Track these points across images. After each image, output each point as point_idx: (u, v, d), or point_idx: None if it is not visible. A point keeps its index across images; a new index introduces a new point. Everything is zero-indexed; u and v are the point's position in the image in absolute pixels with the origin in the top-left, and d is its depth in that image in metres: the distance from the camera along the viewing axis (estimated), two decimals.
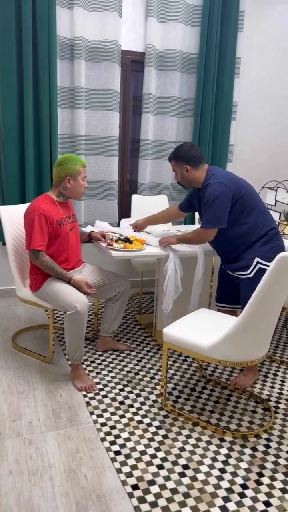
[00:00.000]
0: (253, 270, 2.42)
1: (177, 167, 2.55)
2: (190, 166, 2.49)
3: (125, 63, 3.72)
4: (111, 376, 2.60)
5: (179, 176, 2.57)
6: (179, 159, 2.51)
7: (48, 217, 2.42)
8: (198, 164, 2.50)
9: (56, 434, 2.08)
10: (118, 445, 2.02)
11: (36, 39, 3.27)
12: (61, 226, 2.49)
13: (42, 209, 2.41)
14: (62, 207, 2.56)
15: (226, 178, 2.41)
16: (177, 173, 2.57)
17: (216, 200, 2.36)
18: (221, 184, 2.37)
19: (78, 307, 2.34)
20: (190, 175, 2.51)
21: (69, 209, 2.64)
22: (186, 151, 2.50)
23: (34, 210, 2.41)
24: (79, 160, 2.52)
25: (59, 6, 3.32)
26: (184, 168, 2.50)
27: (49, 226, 2.43)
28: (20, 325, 3.22)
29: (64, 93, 3.49)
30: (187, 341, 2.14)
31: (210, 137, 3.96)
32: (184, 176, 2.53)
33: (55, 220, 2.45)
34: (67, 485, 1.78)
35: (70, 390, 2.44)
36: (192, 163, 2.49)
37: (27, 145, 3.37)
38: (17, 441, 2.02)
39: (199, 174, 2.51)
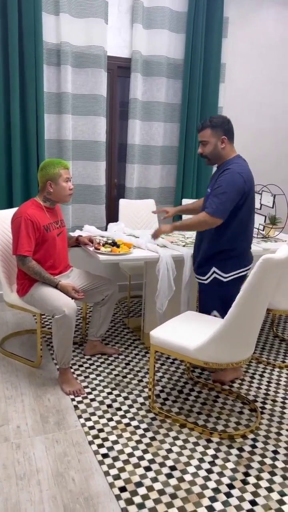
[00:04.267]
0: (209, 278, 2.46)
1: (212, 136, 2.34)
2: (228, 138, 2.35)
3: (111, 68, 3.76)
4: (99, 380, 2.60)
5: (210, 147, 2.36)
6: (217, 128, 2.34)
7: (35, 223, 2.43)
8: (232, 140, 2.39)
9: (44, 438, 2.08)
10: (106, 448, 2.03)
11: (23, 45, 3.28)
12: (48, 231, 2.50)
13: (29, 215, 2.42)
14: (49, 212, 2.57)
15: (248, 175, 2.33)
16: (207, 144, 2.37)
17: (233, 190, 2.25)
18: (241, 176, 2.28)
19: (66, 311, 2.35)
20: (225, 148, 2.36)
21: (57, 214, 2.65)
22: (226, 122, 2.36)
23: (21, 215, 2.42)
24: (59, 163, 2.52)
25: (45, 12, 3.34)
26: (220, 139, 2.34)
27: (36, 231, 2.44)
28: (8, 330, 3.21)
29: (51, 98, 3.50)
30: (174, 343, 2.16)
31: (196, 142, 4.00)
32: (217, 148, 2.36)
33: (42, 225, 2.46)
34: (55, 489, 1.79)
35: (58, 394, 2.44)
36: (229, 136, 2.36)
37: (14, 150, 3.38)
38: (4, 446, 2.02)
39: (231, 151, 2.39)
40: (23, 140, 3.43)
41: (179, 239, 3.08)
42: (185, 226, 2.47)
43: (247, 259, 2.50)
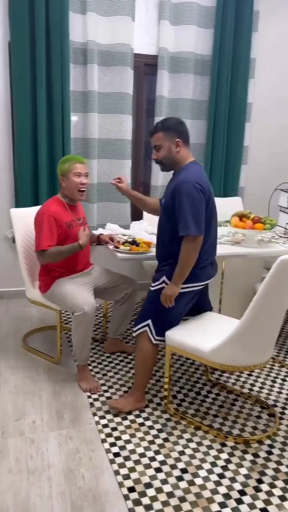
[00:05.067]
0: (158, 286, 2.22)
1: (165, 140, 2.16)
2: (182, 141, 2.17)
3: (138, 66, 3.74)
4: (117, 378, 2.61)
5: (164, 151, 2.17)
6: (170, 131, 2.16)
7: (58, 219, 2.46)
8: (187, 143, 2.21)
9: (58, 434, 2.10)
10: (118, 447, 2.03)
11: (49, 44, 3.32)
12: (71, 228, 2.52)
13: (52, 211, 2.45)
14: (71, 209, 2.59)
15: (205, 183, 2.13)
16: (161, 148, 2.18)
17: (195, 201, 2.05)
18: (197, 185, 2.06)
19: (85, 308, 2.36)
20: (179, 153, 2.17)
21: (79, 211, 2.66)
22: (179, 124, 2.19)
23: (44, 212, 2.45)
24: (72, 158, 2.54)
25: (71, 12, 3.37)
26: (175, 143, 2.15)
27: (58, 228, 2.46)
28: (31, 325, 3.27)
29: (77, 97, 3.53)
30: (189, 344, 2.13)
31: (224, 139, 3.93)
32: (171, 153, 2.17)
33: (64, 222, 2.49)
34: (64, 485, 1.80)
35: (75, 391, 2.46)
36: (183, 139, 2.18)
37: (40, 149, 3.43)
38: (19, 440, 2.05)
39: (186, 155, 2.20)
40: (49, 139, 3.47)
41: None
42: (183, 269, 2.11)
43: (205, 273, 2.24)
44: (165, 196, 2.25)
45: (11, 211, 2.81)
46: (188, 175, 2.11)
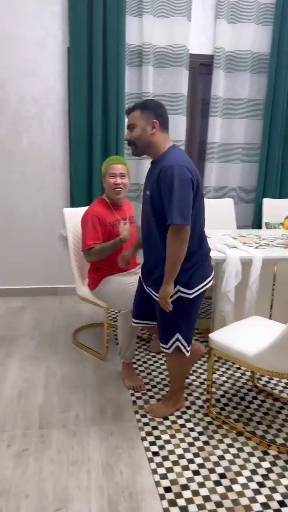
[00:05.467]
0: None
1: (140, 119, 1.97)
2: (159, 123, 1.98)
3: (193, 66, 3.73)
4: (161, 378, 2.61)
5: (138, 131, 1.98)
6: (148, 110, 1.98)
7: (101, 219, 2.52)
8: (165, 128, 2.02)
9: (99, 429, 2.15)
10: (157, 446, 2.04)
11: (106, 48, 3.40)
12: (114, 228, 2.57)
13: (96, 211, 2.52)
14: (116, 209, 2.63)
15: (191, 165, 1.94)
16: (135, 127, 1.99)
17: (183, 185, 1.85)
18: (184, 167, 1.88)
19: (132, 307, 2.39)
20: (154, 135, 1.97)
21: (125, 211, 2.70)
22: (157, 106, 2.01)
23: (88, 212, 2.53)
24: (109, 159, 2.60)
25: (128, 15, 3.42)
26: (151, 123, 1.96)
27: (102, 227, 2.52)
28: (81, 322, 3.36)
29: (132, 99, 3.58)
30: (233, 348, 2.09)
31: (281, 139, 3.81)
32: (145, 133, 1.97)
33: (107, 222, 2.54)
34: (102, 479, 1.84)
35: (119, 388, 2.50)
36: (161, 121, 1.99)
37: (94, 151, 3.51)
38: (62, 432, 2.12)
39: (163, 139, 2.00)
40: (104, 141, 3.55)
41: (252, 240, 2.97)
42: (172, 266, 1.93)
43: (209, 267, 2.12)
44: (148, 186, 2.00)
45: (64, 210, 2.91)
46: (174, 159, 1.91)
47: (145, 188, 2.08)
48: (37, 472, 1.86)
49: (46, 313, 3.52)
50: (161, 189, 1.91)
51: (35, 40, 3.41)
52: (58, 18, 3.39)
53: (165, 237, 1.92)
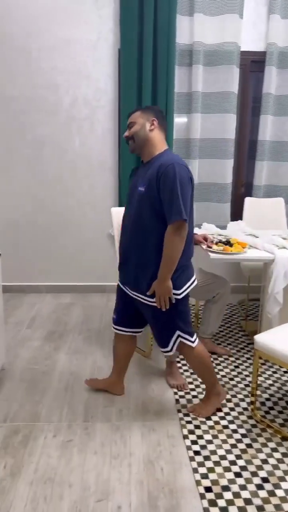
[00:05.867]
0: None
1: (141, 117, 2.03)
2: (158, 122, 2.04)
3: (244, 64, 3.67)
4: None
5: (137, 127, 2.02)
6: (149, 110, 2.07)
7: None
8: (164, 130, 2.09)
9: (142, 425, 2.18)
10: (199, 445, 2.03)
11: (156, 48, 3.42)
12: None
13: None
14: None
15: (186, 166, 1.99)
16: (134, 124, 2.03)
17: (183, 183, 1.89)
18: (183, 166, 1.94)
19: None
20: (153, 133, 2.02)
21: None
22: (159, 111, 2.11)
23: None
24: None
25: (179, 14, 3.43)
26: (150, 121, 2.02)
27: None
28: None
29: (181, 98, 3.58)
30: (278, 350, 2.04)
31: None
32: (144, 130, 2.01)
33: None
34: (143, 474, 1.86)
35: (162, 386, 2.51)
36: (159, 121, 2.05)
37: None
38: (106, 426, 2.17)
39: (160, 139, 2.05)
40: None
41: None
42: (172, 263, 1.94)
43: (192, 267, 2.14)
44: (143, 183, 1.99)
45: (112, 209, 2.96)
46: (173, 158, 1.95)
47: (137, 185, 2.05)
48: (80, 463, 1.92)
49: (94, 310, 3.61)
50: (160, 186, 1.91)
51: (88, 44, 3.50)
52: (110, 20, 3.46)
53: (160, 234, 1.93)
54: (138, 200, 2.02)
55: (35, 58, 3.50)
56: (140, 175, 2.07)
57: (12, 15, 3.40)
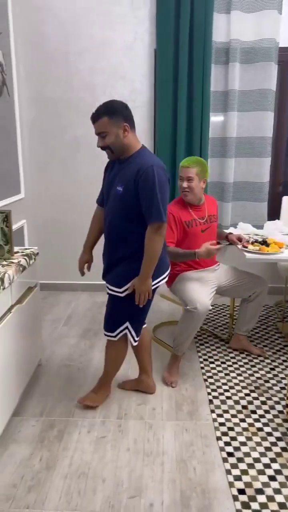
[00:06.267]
0: (127, 290, 2.08)
1: (111, 125, 1.94)
2: (129, 125, 1.98)
3: (282, 60, 3.59)
4: (239, 379, 2.57)
5: (111, 137, 1.96)
6: (116, 115, 1.95)
7: (176, 217, 2.55)
8: (134, 128, 2.03)
9: (175, 424, 2.18)
10: (232, 447, 2.02)
11: (192, 46, 3.40)
12: (190, 227, 2.57)
13: (170, 210, 2.54)
14: (194, 208, 2.63)
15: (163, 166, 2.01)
16: (107, 134, 1.96)
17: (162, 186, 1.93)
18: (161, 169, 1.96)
19: (198, 306, 2.38)
20: (127, 138, 1.98)
21: (205, 210, 2.68)
22: (123, 108, 1.99)
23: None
24: (183, 161, 2.58)
25: (216, 12, 3.40)
26: (122, 127, 1.95)
27: (177, 225, 2.55)
28: (161, 318, 3.42)
29: (217, 97, 3.55)
30: None
31: None
32: (118, 139, 1.97)
33: (183, 220, 2.56)
34: (176, 473, 1.86)
35: (195, 386, 2.51)
36: (131, 124, 1.99)
37: (178, 150, 3.54)
38: (139, 423, 2.18)
39: (135, 140, 2.03)
40: (188, 140, 3.57)
41: None
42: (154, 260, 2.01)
43: (166, 264, 2.19)
44: (121, 183, 2.01)
45: None
46: (152, 160, 1.97)
47: (114, 184, 2.06)
48: (114, 459, 1.94)
49: None
50: (139, 188, 1.95)
51: (124, 44, 3.53)
52: (146, 21, 3.48)
53: (139, 232, 2.01)
54: (115, 199, 2.05)
55: (73, 60, 3.56)
56: (117, 173, 2.08)
57: (51, 18, 3.48)
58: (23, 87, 3.56)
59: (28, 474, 1.85)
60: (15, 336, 2.12)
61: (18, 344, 2.16)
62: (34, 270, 2.46)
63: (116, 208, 2.06)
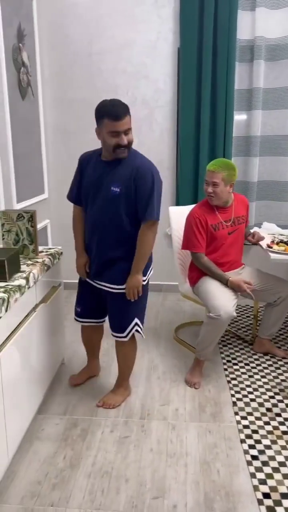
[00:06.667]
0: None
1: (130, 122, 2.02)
2: None
3: None
4: (263, 382, 2.54)
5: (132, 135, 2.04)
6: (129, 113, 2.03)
7: (203, 221, 2.51)
8: None
9: (198, 425, 2.16)
10: (257, 450, 1.99)
11: (216, 46, 3.37)
12: (216, 230, 2.54)
13: (198, 213, 2.53)
14: (221, 211, 2.58)
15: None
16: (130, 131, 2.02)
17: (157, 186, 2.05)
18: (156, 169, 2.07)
19: (222, 314, 2.34)
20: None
21: (231, 212, 2.62)
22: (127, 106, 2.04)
23: (192, 214, 2.55)
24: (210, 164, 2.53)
25: (240, 10, 3.36)
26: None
27: (205, 229, 2.52)
28: (184, 319, 3.40)
29: (241, 95, 3.51)
30: None
31: None
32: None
33: (209, 224, 2.53)
34: (199, 475, 1.85)
35: (219, 387, 2.49)
36: None
37: (201, 149, 3.52)
38: (162, 424, 2.18)
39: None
40: (211, 139, 3.54)
41: None
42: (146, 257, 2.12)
43: (151, 259, 2.26)
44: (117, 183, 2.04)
45: (170, 208, 2.97)
46: (147, 161, 2.08)
47: (104, 184, 2.08)
48: (137, 459, 1.94)
49: (150, 308, 3.62)
50: (137, 186, 2.02)
51: (147, 44, 3.52)
52: (169, 20, 3.46)
53: (133, 231, 2.09)
54: (109, 199, 2.07)
55: (95, 61, 3.58)
56: (105, 173, 2.08)
57: (75, 20, 3.50)
58: (47, 88, 3.60)
59: (52, 472, 1.87)
60: (40, 334, 2.14)
61: (42, 343, 2.19)
62: (58, 269, 2.48)
63: (110, 208, 2.08)
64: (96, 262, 2.19)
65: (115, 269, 2.15)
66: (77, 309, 2.41)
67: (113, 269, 2.15)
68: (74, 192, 2.27)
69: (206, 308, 2.53)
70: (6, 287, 1.80)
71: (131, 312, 2.20)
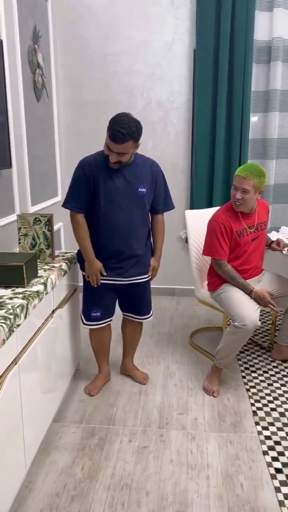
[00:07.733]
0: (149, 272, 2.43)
1: (132, 147, 2.11)
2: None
3: None
4: (283, 390, 2.47)
5: (127, 157, 2.13)
6: (139, 139, 2.12)
7: (228, 227, 2.42)
8: None
9: (219, 436, 2.11)
10: (280, 462, 1.93)
11: (233, 45, 3.32)
12: (241, 237, 2.46)
13: (223, 219, 2.43)
14: (244, 217, 2.49)
15: None
16: (125, 154, 2.10)
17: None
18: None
19: (248, 324, 2.26)
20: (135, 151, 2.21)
21: (255, 218, 2.53)
22: (141, 129, 2.12)
23: (216, 219, 2.45)
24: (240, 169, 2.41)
25: (258, 11, 3.31)
26: (137, 147, 2.16)
27: (229, 235, 2.44)
28: (199, 324, 3.34)
29: (258, 97, 3.46)
30: None
31: None
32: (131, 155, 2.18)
33: (234, 231, 2.44)
34: (222, 489, 1.79)
35: (238, 396, 2.43)
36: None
37: (217, 151, 3.47)
38: (181, 434, 2.12)
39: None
40: (227, 141, 3.48)
41: None
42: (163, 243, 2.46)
43: None
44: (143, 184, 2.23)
45: (186, 212, 2.91)
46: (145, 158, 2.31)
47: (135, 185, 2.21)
48: (157, 471, 1.89)
49: (164, 313, 3.58)
50: (157, 182, 2.29)
51: (163, 45, 3.47)
52: (186, 21, 3.41)
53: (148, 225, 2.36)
54: (136, 201, 2.23)
55: (110, 62, 3.53)
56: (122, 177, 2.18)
57: (90, 21, 3.46)
58: (61, 89, 3.56)
59: (70, 483, 1.82)
60: (56, 340, 2.09)
61: (58, 349, 2.14)
62: (74, 274, 2.43)
63: (139, 208, 2.25)
64: (124, 262, 2.30)
65: (143, 262, 2.36)
66: (95, 314, 2.38)
67: (141, 263, 2.35)
68: (84, 200, 2.23)
69: (229, 316, 2.46)
70: (25, 293, 1.76)
71: (150, 292, 2.53)
